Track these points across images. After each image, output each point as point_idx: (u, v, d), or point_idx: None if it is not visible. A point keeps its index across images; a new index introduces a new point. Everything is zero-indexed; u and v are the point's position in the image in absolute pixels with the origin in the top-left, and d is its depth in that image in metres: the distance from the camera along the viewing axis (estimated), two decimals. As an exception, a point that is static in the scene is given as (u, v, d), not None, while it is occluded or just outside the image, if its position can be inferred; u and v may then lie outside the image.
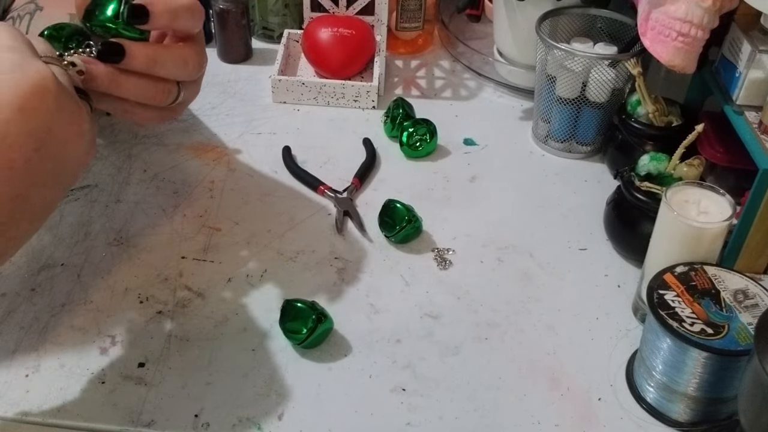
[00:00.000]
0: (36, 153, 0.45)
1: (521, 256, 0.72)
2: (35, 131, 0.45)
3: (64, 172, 0.48)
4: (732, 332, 0.54)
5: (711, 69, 0.77)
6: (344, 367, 0.61)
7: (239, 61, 1.00)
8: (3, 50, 0.46)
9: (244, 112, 0.90)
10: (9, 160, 0.44)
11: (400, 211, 0.72)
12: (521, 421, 0.58)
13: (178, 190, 0.78)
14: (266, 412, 0.57)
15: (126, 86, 0.53)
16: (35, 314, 0.64)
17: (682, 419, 0.57)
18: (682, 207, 0.60)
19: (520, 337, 0.64)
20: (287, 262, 0.70)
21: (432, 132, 0.84)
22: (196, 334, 0.63)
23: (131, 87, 0.53)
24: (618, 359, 0.62)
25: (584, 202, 0.79)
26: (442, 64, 1.02)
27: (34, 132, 0.45)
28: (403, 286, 0.69)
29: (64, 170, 0.48)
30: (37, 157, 0.45)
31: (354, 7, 0.96)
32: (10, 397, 0.57)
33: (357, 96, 0.91)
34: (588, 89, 0.81)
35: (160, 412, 0.57)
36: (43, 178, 0.46)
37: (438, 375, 0.61)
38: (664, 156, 0.70)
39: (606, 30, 0.87)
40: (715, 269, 0.59)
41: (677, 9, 0.69)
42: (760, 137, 0.67)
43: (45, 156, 0.46)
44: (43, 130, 0.45)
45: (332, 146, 0.85)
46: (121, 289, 0.66)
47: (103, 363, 0.60)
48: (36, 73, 0.45)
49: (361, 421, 0.57)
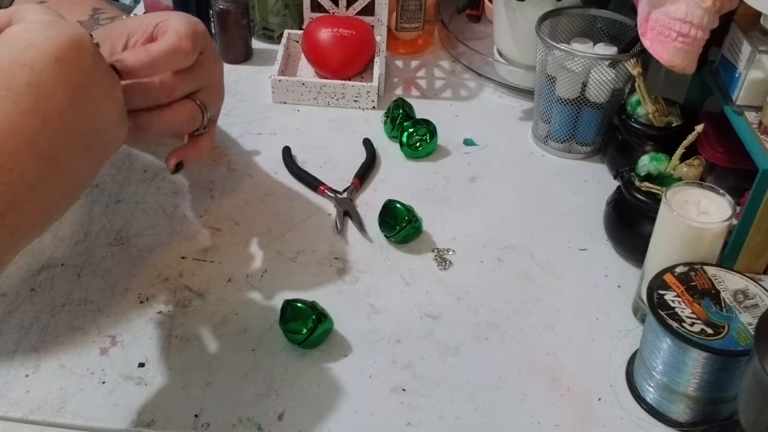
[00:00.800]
0: (71, 108, 0.45)
1: (521, 256, 0.72)
2: (71, 85, 0.45)
3: (97, 143, 0.48)
4: (732, 332, 0.54)
5: (711, 69, 0.77)
6: (344, 367, 0.61)
7: (239, 62, 1.00)
8: (41, 13, 0.47)
9: (244, 113, 0.90)
10: (43, 110, 0.44)
11: (400, 211, 0.72)
12: (521, 421, 0.58)
13: (178, 190, 0.78)
14: (266, 412, 0.57)
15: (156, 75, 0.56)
16: (35, 314, 0.64)
17: (682, 419, 0.57)
18: (682, 207, 0.60)
19: (520, 337, 0.64)
20: (287, 262, 0.70)
21: (432, 132, 0.84)
22: (196, 334, 0.63)
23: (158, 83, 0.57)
24: (618, 359, 0.62)
25: (584, 203, 0.79)
26: (442, 65, 1.02)
27: (70, 85, 0.45)
28: (403, 286, 0.69)
29: (97, 140, 0.48)
30: (72, 112, 0.45)
31: (354, 7, 0.96)
32: (10, 397, 0.57)
33: (357, 96, 0.91)
34: (588, 89, 0.81)
35: (160, 412, 0.57)
36: (76, 141, 0.46)
37: (438, 375, 0.61)
38: (664, 156, 0.70)
39: (606, 30, 0.87)
40: (715, 269, 0.59)
41: (677, 9, 0.69)
42: (760, 137, 0.67)
43: (79, 114, 0.45)
44: (79, 85, 0.45)
45: (332, 146, 0.85)
46: (121, 289, 0.66)
47: (103, 363, 0.60)
48: (73, 30, 0.46)
49: (361, 421, 0.57)
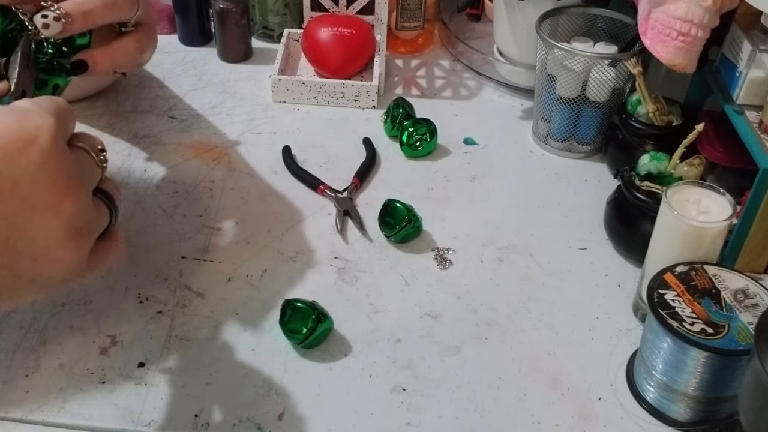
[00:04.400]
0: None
1: (521, 256, 0.72)
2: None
3: (22, 257, 0.41)
4: (732, 332, 0.53)
5: (711, 68, 0.77)
6: (344, 367, 0.61)
7: (239, 61, 0.99)
8: (28, 101, 0.43)
9: (244, 112, 0.90)
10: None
11: (400, 210, 0.72)
12: (521, 421, 0.58)
13: (178, 190, 0.78)
14: (266, 412, 0.57)
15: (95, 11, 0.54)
16: (35, 314, 0.64)
17: (682, 419, 0.57)
18: (683, 206, 0.60)
19: (520, 337, 0.64)
20: (287, 262, 0.70)
21: (432, 131, 0.84)
22: (196, 334, 0.63)
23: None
24: (618, 359, 0.62)
25: (584, 202, 0.79)
26: (442, 64, 1.02)
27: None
28: (403, 285, 0.69)
29: (23, 253, 0.41)
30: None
31: (354, 6, 0.96)
32: (10, 397, 0.57)
33: (357, 95, 0.91)
34: (588, 89, 0.81)
35: (160, 412, 0.57)
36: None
37: (438, 375, 0.61)
38: (665, 155, 0.70)
39: (606, 29, 0.87)
40: (716, 269, 0.59)
41: (677, 8, 0.69)
42: (761, 137, 0.67)
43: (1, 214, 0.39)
44: (10, 181, 0.40)
45: (332, 146, 0.85)
46: (121, 289, 0.66)
47: (103, 363, 0.60)
48: (35, 124, 0.41)
49: (361, 421, 0.57)
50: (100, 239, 0.46)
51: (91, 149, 0.46)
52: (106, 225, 0.47)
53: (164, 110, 0.89)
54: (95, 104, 0.89)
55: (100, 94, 0.90)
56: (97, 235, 0.45)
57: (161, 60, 0.98)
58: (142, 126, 0.86)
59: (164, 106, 0.90)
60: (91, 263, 0.45)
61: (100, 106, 0.89)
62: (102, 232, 0.46)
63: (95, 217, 0.45)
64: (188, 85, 0.94)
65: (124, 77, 0.90)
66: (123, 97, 0.91)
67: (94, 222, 0.45)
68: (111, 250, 0.48)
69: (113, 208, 0.47)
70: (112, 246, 0.48)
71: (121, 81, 0.92)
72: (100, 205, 0.46)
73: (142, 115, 0.88)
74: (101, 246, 0.47)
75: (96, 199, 0.45)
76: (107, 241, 0.47)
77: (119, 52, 0.59)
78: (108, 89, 0.91)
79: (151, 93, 0.92)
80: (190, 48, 1.02)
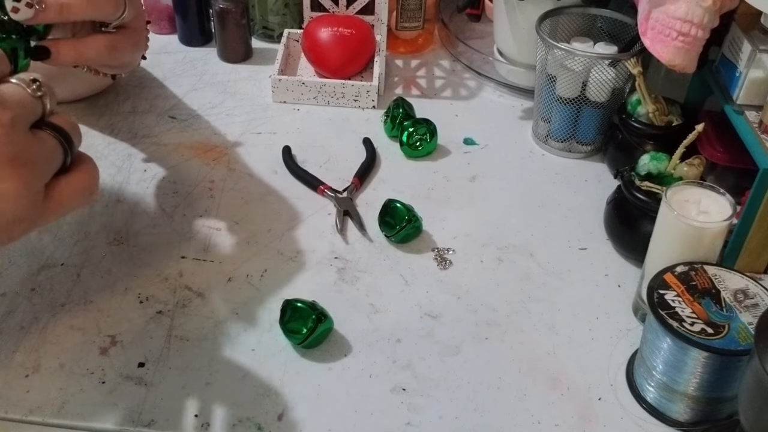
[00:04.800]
0: None
1: (521, 256, 0.72)
2: None
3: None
4: (732, 332, 0.53)
5: (711, 68, 0.77)
6: (344, 367, 0.61)
7: (239, 61, 0.99)
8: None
9: (244, 112, 0.90)
10: None
11: (400, 210, 0.72)
12: (521, 421, 0.58)
13: (178, 190, 0.78)
14: (266, 412, 0.57)
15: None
16: (35, 314, 0.64)
17: (682, 419, 0.57)
18: (683, 207, 0.60)
19: (520, 337, 0.64)
20: (287, 262, 0.70)
21: (432, 132, 0.84)
22: (196, 334, 0.63)
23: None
24: (618, 359, 0.62)
25: (584, 202, 0.79)
26: (442, 64, 1.02)
27: None
28: (403, 285, 0.69)
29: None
30: None
31: (354, 6, 0.96)
32: (10, 397, 0.57)
33: (357, 95, 0.91)
34: (588, 89, 0.81)
35: (160, 412, 0.57)
36: None
37: (438, 375, 0.61)
38: (665, 155, 0.70)
39: (606, 29, 0.87)
40: (715, 269, 0.59)
41: (677, 8, 0.69)
42: (761, 137, 0.67)
43: None
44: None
45: (332, 146, 0.85)
46: (121, 289, 0.66)
47: (103, 363, 0.60)
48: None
49: (361, 421, 0.57)
50: (62, 177, 0.46)
51: (21, 81, 0.45)
52: (60, 161, 0.46)
53: (164, 110, 0.89)
54: (95, 104, 0.89)
55: (100, 94, 0.90)
56: (47, 170, 0.45)
57: (161, 60, 0.98)
58: (142, 126, 0.86)
59: (164, 106, 0.90)
60: (53, 202, 0.45)
61: (100, 106, 0.89)
62: (64, 170, 0.46)
63: (39, 150, 0.44)
64: (188, 85, 0.94)
65: (115, 80, 0.89)
66: (123, 97, 0.91)
67: (37, 154, 0.44)
68: (76, 187, 0.47)
69: (67, 143, 0.46)
70: (78, 183, 0.47)
71: (121, 81, 0.92)
72: (45, 138, 0.45)
73: (142, 115, 0.88)
74: (64, 183, 0.46)
75: (42, 132, 0.44)
76: (71, 178, 0.46)
77: (87, 47, 0.57)
78: (108, 89, 0.91)
79: (151, 93, 0.92)
80: (190, 48, 1.02)
